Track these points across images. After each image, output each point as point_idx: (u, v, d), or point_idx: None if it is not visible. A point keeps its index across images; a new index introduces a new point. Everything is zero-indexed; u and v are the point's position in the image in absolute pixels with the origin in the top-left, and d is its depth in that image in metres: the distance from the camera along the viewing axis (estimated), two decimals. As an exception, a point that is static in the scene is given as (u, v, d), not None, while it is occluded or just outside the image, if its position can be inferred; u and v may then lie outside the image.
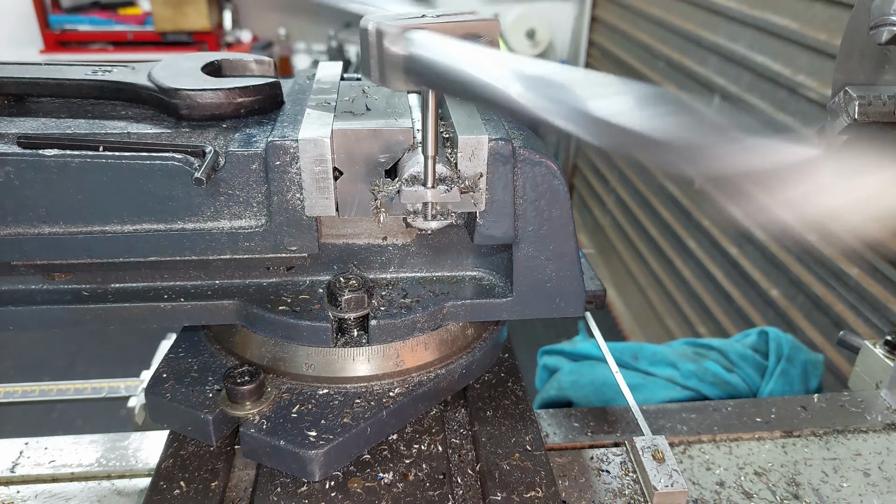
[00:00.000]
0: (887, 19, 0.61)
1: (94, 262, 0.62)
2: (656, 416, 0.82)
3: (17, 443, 0.76)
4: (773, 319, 2.02)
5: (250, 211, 0.62)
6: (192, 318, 0.67)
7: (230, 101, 0.63)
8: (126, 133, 0.61)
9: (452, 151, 0.61)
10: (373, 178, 0.61)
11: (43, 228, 0.60)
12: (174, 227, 0.62)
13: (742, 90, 2.17)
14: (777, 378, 1.05)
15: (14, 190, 0.58)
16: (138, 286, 0.67)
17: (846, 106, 0.67)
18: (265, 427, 0.62)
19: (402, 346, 0.67)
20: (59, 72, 0.67)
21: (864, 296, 1.65)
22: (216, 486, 0.62)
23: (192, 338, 0.74)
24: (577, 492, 0.69)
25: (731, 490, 0.71)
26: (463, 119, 0.63)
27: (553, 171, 0.62)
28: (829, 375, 1.72)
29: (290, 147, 0.58)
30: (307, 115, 0.63)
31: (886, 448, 0.78)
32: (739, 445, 0.77)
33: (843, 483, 0.72)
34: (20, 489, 0.70)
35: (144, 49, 3.90)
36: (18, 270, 0.62)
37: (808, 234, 1.85)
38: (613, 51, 3.44)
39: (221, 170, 0.60)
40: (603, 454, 0.74)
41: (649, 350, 1.15)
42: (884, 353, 0.90)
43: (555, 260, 0.66)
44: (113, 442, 0.77)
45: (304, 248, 0.64)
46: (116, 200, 0.60)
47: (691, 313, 2.55)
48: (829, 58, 1.76)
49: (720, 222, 1.80)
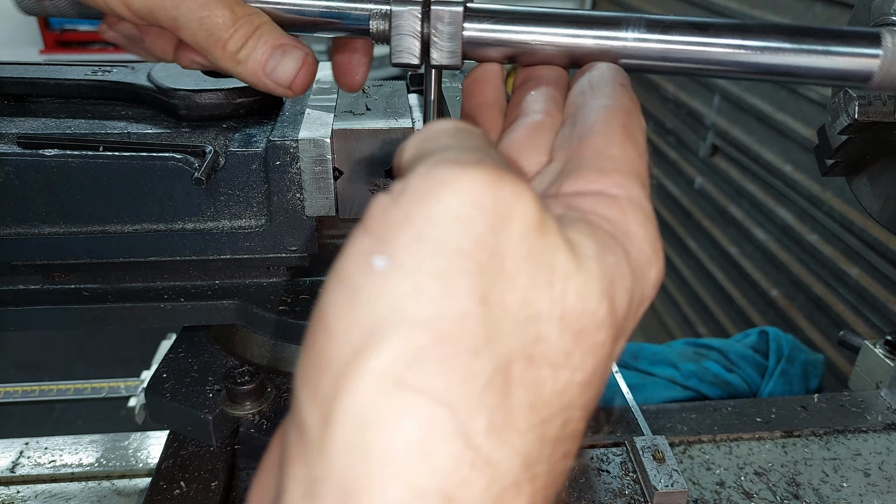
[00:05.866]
0: (887, 19, 0.61)
1: (94, 262, 0.62)
2: (656, 416, 0.82)
3: (17, 443, 0.76)
4: (773, 319, 2.02)
5: (250, 211, 0.62)
6: (192, 318, 0.67)
7: (230, 101, 0.63)
8: (126, 133, 0.61)
9: (452, 151, 0.61)
10: (373, 178, 0.61)
11: (43, 228, 0.60)
12: (174, 227, 0.62)
13: (742, 90, 2.17)
14: (777, 378, 1.05)
15: (14, 190, 0.58)
16: (138, 286, 0.67)
17: (846, 106, 0.67)
18: (265, 427, 0.62)
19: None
20: (59, 72, 0.67)
21: (864, 296, 1.65)
22: (216, 486, 0.62)
23: (192, 338, 0.74)
24: (577, 492, 0.69)
25: (731, 490, 0.71)
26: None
27: (553, 171, 0.62)
28: (829, 375, 1.72)
29: (290, 147, 0.59)
30: (307, 115, 0.63)
31: (886, 448, 0.78)
32: (739, 445, 0.77)
33: (844, 483, 0.72)
34: (20, 489, 0.70)
35: (144, 49, 3.90)
36: (18, 270, 0.61)
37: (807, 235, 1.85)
38: (613, 51, 3.43)
39: (221, 170, 0.60)
40: (603, 454, 0.74)
41: (649, 350, 1.15)
42: (884, 353, 0.89)
43: (555, 260, 0.66)
44: (113, 442, 0.77)
45: (304, 248, 0.64)
46: (116, 200, 0.60)
47: (691, 313, 2.55)
48: (829, 58, 1.76)
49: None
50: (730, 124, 2.26)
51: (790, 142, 1.93)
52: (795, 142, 1.90)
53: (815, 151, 0.75)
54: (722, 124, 2.30)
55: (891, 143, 0.71)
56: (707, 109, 2.41)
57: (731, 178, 2.25)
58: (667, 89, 2.73)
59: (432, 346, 0.19)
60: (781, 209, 1.99)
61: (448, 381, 0.19)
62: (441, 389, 0.19)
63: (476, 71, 0.41)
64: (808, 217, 1.86)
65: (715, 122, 2.35)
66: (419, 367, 0.19)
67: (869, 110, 0.66)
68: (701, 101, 2.47)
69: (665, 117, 2.76)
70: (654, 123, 2.90)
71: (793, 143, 1.92)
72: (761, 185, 2.09)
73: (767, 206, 2.04)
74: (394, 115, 0.64)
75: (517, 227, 0.22)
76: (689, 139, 2.54)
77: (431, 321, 0.20)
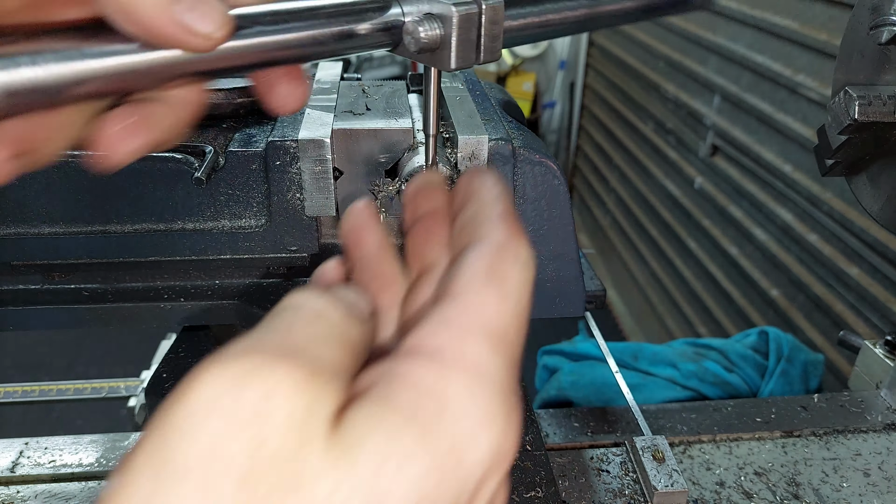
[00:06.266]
0: (887, 19, 0.61)
1: (94, 262, 0.62)
2: (656, 416, 0.82)
3: (17, 443, 0.76)
4: (773, 319, 2.02)
5: (250, 211, 0.62)
6: (192, 318, 0.67)
7: (230, 102, 0.63)
8: (126, 133, 0.61)
9: (452, 151, 0.61)
10: (373, 178, 0.61)
11: (43, 228, 0.60)
12: (174, 227, 0.62)
13: (742, 90, 2.17)
14: (777, 378, 1.05)
15: (14, 190, 0.58)
16: (138, 286, 0.67)
17: (846, 106, 0.67)
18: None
19: (402, 346, 0.67)
20: (59, 72, 0.67)
21: (864, 296, 1.65)
22: (216, 486, 0.62)
23: (193, 338, 0.74)
24: (577, 492, 0.69)
25: (731, 490, 0.71)
26: (463, 119, 0.63)
27: (553, 171, 0.62)
28: (829, 375, 1.72)
29: (290, 147, 0.59)
30: (307, 115, 0.63)
31: (886, 448, 0.78)
32: (739, 445, 0.77)
33: (843, 483, 0.72)
34: (20, 489, 0.70)
35: (144, 49, 3.90)
36: (18, 270, 0.62)
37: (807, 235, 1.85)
38: (613, 51, 3.44)
39: (221, 170, 0.60)
40: (603, 454, 0.74)
41: (649, 350, 1.15)
42: (884, 353, 0.90)
43: (555, 260, 0.66)
44: (113, 442, 0.77)
45: (304, 248, 0.64)
46: (116, 200, 0.60)
47: (691, 313, 2.56)
48: (829, 58, 1.76)
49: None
50: (730, 124, 2.26)
51: (790, 142, 1.93)
52: (795, 142, 1.90)
53: (815, 151, 0.75)
54: (722, 124, 2.30)
55: (891, 143, 0.71)
56: (707, 109, 2.41)
57: (731, 178, 2.25)
58: (667, 89, 2.73)
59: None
60: (781, 209, 1.99)
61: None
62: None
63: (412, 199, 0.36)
64: (808, 217, 1.86)
65: (715, 122, 2.35)
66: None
67: (869, 110, 0.66)
68: (701, 101, 2.47)
69: (665, 117, 2.76)
70: (654, 123, 2.90)
71: (793, 143, 1.92)
72: (761, 185, 2.09)
73: (767, 206, 2.04)
74: (394, 115, 0.64)
75: (269, 425, 0.21)
76: (689, 139, 2.54)
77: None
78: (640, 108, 3.07)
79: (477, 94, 0.71)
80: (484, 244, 0.29)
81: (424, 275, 0.34)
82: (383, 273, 0.35)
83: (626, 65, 3.24)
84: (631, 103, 3.19)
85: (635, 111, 3.13)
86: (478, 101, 0.68)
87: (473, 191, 0.33)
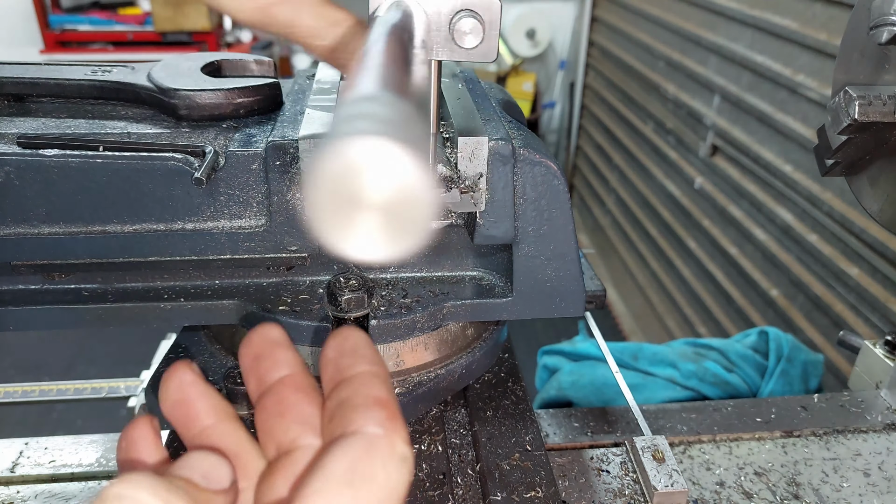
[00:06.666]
0: (887, 19, 0.61)
1: (94, 262, 0.62)
2: (656, 416, 0.82)
3: (17, 443, 0.76)
4: (773, 319, 2.02)
5: (250, 211, 0.62)
6: (192, 318, 0.67)
7: (230, 102, 0.63)
8: (126, 133, 0.61)
9: (452, 151, 0.61)
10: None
11: (43, 228, 0.60)
12: (174, 227, 0.62)
13: (742, 90, 2.17)
14: (777, 378, 1.05)
15: (14, 190, 0.58)
16: (138, 286, 0.67)
17: (846, 106, 0.67)
18: (265, 427, 0.62)
19: (401, 346, 0.67)
20: (59, 72, 0.67)
21: (864, 296, 1.65)
22: (216, 486, 0.62)
23: (192, 338, 0.74)
24: (577, 492, 0.69)
25: (731, 490, 0.71)
26: (463, 119, 0.63)
27: (553, 171, 0.62)
28: (829, 375, 1.72)
29: (290, 147, 0.59)
30: (307, 115, 0.63)
31: (886, 448, 0.78)
32: (739, 445, 0.77)
33: (843, 483, 0.72)
34: (20, 489, 0.70)
35: (144, 49, 3.91)
36: (18, 270, 0.62)
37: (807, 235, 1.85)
38: (613, 51, 3.44)
39: (221, 170, 0.60)
40: (603, 454, 0.74)
41: (649, 350, 1.15)
42: (884, 353, 0.90)
43: (555, 260, 0.66)
44: (113, 442, 0.77)
45: (304, 248, 0.64)
46: (116, 200, 0.60)
47: (691, 313, 2.55)
48: (829, 58, 1.76)
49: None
50: (730, 124, 2.26)
51: (790, 142, 1.93)
52: (795, 142, 1.90)
53: (815, 151, 0.75)
54: (722, 124, 2.30)
55: (891, 143, 0.71)
56: (707, 109, 2.41)
57: (731, 178, 2.25)
58: (667, 89, 2.73)
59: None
60: (781, 209, 1.99)
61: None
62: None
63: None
64: (808, 217, 1.86)
65: (715, 122, 2.35)
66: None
67: (869, 110, 0.66)
68: (701, 101, 2.47)
69: (665, 117, 2.76)
70: (654, 123, 2.90)
71: (793, 143, 1.92)
72: (761, 185, 2.09)
73: (767, 206, 2.04)
74: (394, 115, 0.64)
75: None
76: (689, 139, 2.54)
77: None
78: (640, 108, 3.07)
79: (477, 93, 0.71)
80: (350, 439, 0.26)
81: (284, 458, 0.30)
82: (228, 451, 0.30)
83: (626, 65, 3.24)
84: (631, 103, 3.19)
85: (635, 111, 3.13)
86: (478, 101, 0.68)
87: (345, 366, 0.29)
